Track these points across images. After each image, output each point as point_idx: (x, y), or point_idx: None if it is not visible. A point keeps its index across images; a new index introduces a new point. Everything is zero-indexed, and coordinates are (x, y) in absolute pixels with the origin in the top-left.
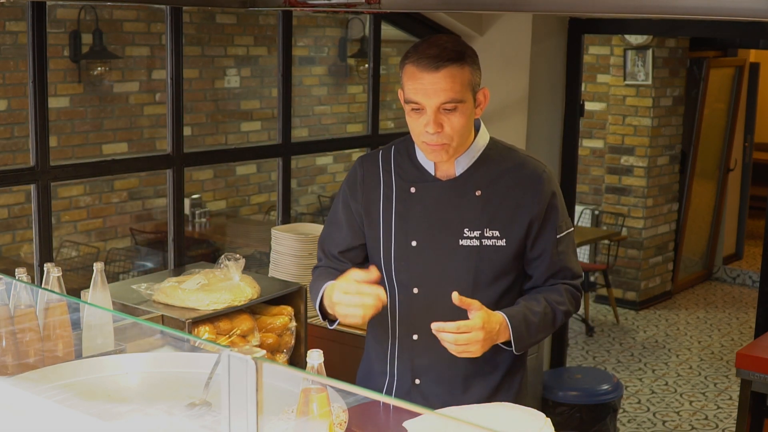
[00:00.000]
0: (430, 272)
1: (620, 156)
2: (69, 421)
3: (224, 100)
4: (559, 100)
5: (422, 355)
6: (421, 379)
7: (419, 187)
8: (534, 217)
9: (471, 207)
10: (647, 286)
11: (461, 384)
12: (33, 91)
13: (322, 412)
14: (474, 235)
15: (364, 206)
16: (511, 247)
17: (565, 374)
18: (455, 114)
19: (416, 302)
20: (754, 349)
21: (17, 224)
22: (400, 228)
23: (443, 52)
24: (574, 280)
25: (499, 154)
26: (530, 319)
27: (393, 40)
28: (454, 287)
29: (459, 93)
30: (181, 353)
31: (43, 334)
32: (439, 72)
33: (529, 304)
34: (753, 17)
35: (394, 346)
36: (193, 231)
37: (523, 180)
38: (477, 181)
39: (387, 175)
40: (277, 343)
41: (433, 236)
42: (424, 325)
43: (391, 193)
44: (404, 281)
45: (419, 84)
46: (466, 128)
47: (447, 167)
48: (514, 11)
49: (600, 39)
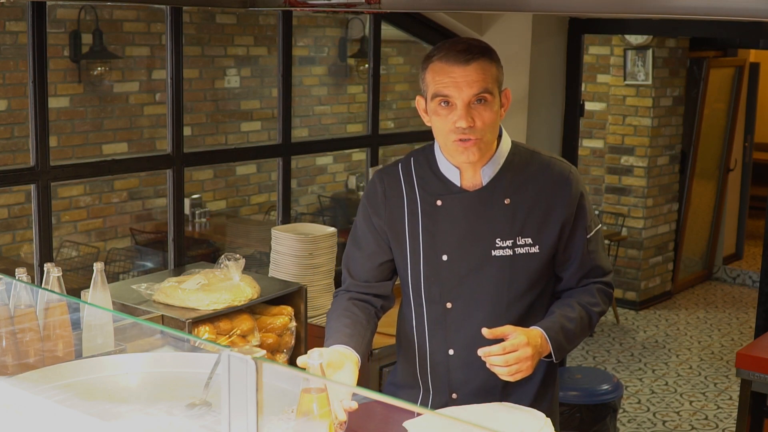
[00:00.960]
0: (463, 286)
1: (620, 156)
2: (69, 421)
3: (224, 100)
4: (559, 100)
5: (459, 369)
6: (459, 393)
7: (446, 200)
8: (565, 221)
9: (501, 216)
10: (647, 286)
11: (499, 396)
12: (33, 91)
13: (322, 412)
14: (507, 245)
15: (388, 222)
16: (544, 253)
17: (565, 374)
18: (485, 108)
19: (450, 317)
20: (754, 349)
21: (17, 224)
22: (429, 243)
23: (471, 47)
24: (605, 277)
25: (523, 159)
26: (567, 327)
27: (393, 40)
28: (489, 299)
29: (489, 85)
30: (181, 353)
31: (43, 334)
32: (470, 65)
33: (564, 312)
34: (753, 17)
35: (425, 361)
36: (193, 231)
37: (550, 183)
38: (505, 189)
39: (410, 188)
40: (277, 343)
41: (465, 249)
42: (460, 340)
43: (416, 208)
44: (435, 297)
45: (450, 78)
46: (496, 125)
47: (473, 177)
48: (514, 11)
49: (600, 39)
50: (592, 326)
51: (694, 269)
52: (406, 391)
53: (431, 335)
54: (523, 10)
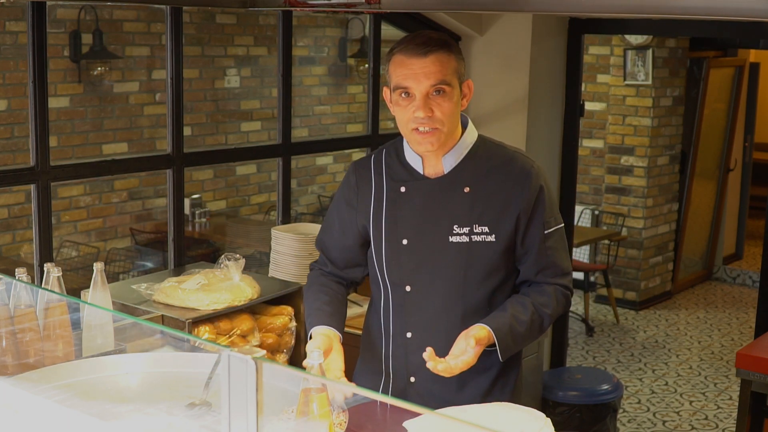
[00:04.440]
0: (421, 270)
1: (620, 156)
2: (69, 421)
3: (224, 100)
4: (559, 100)
5: (416, 353)
6: (416, 377)
7: (408, 186)
8: (522, 212)
9: (460, 204)
10: (647, 286)
11: (456, 382)
12: (33, 91)
13: (322, 412)
14: (463, 232)
15: (359, 210)
16: (500, 242)
17: (565, 374)
18: (444, 98)
19: (409, 300)
20: (754, 349)
21: (17, 224)
22: (391, 228)
23: (430, 40)
24: (564, 277)
25: (487, 151)
26: (516, 330)
27: (393, 40)
28: (446, 284)
29: (447, 76)
30: (181, 353)
31: (43, 334)
32: (428, 57)
33: (517, 312)
34: (753, 17)
35: (389, 344)
36: (193, 231)
37: (511, 176)
38: (465, 178)
39: (378, 177)
40: (277, 343)
41: (423, 234)
42: (417, 323)
43: (381, 195)
44: (396, 280)
45: (408, 69)
46: (455, 115)
47: (435, 165)
48: (514, 11)
49: (600, 39)
50: (544, 328)
51: (694, 269)
52: (368, 377)
53: (393, 319)
54: (523, 10)
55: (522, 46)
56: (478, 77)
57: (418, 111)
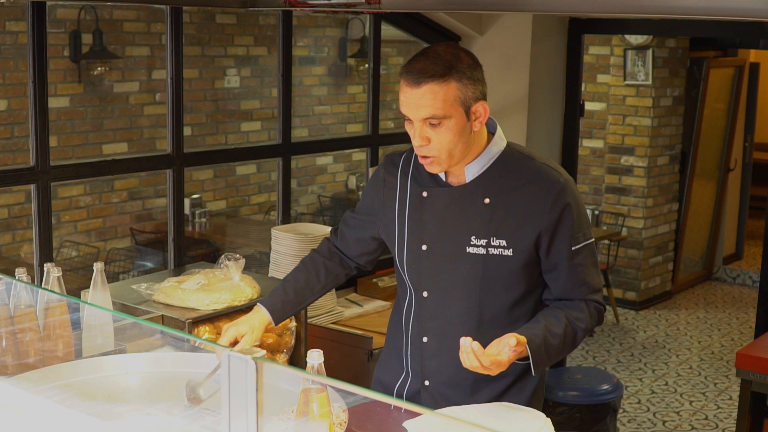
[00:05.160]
0: (438, 277)
1: (620, 156)
2: (69, 421)
3: (224, 100)
4: (559, 100)
5: (431, 358)
6: (431, 381)
7: (431, 192)
8: (543, 229)
9: (478, 215)
10: (647, 286)
11: (470, 387)
12: (33, 91)
13: (322, 412)
14: (480, 244)
15: (383, 204)
16: (518, 257)
17: (565, 374)
18: (441, 129)
19: (426, 306)
20: (754, 349)
21: (17, 224)
22: (412, 231)
23: (428, 67)
24: (596, 294)
25: (514, 162)
26: (550, 342)
27: (393, 40)
28: (461, 294)
29: (440, 110)
30: (181, 353)
31: (43, 334)
32: (420, 88)
33: (550, 325)
34: (753, 17)
35: (408, 345)
36: (193, 231)
37: (535, 190)
38: (486, 189)
39: (404, 177)
40: (277, 343)
41: (442, 242)
42: (433, 329)
43: (405, 196)
44: (415, 284)
45: (404, 97)
46: (455, 143)
47: (458, 173)
48: (514, 11)
49: (600, 39)
50: (577, 342)
51: (694, 269)
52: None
53: (412, 321)
54: (523, 10)
55: (522, 46)
56: None
57: (415, 138)
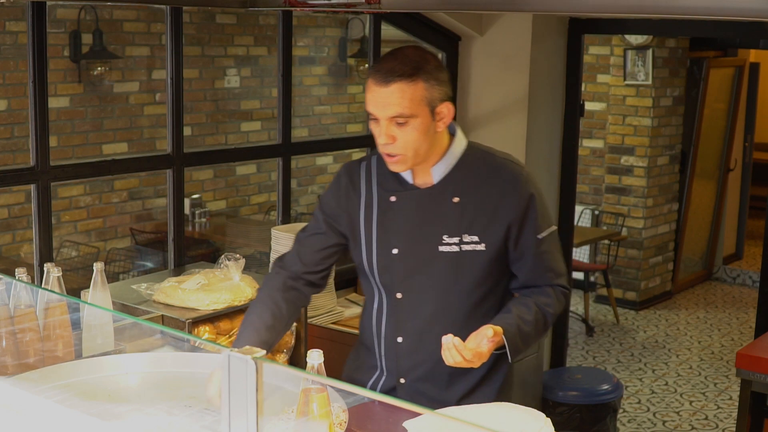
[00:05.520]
0: (412, 278)
1: (620, 156)
2: (69, 421)
3: (224, 100)
4: (559, 100)
5: (406, 357)
6: (406, 379)
7: (399, 196)
8: (512, 221)
9: (449, 214)
10: (647, 286)
11: (446, 381)
12: (33, 91)
13: (322, 412)
14: (453, 242)
15: (346, 213)
16: (490, 251)
17: (565, 374)
18: (407, 128)
19: (400, 307)
20: (754, 349)
21: (17, 224)
22: (382, 236)
23: (397, 66)
24: (561, 278)
25: (476, 159)
26: (524, 330)
27: (393, 40)
28: (436, 292)
29: (408, 108)
30: (181, 353)
31: (43, 334)
32: (389, 87)
33: (522, 313)
34: (753, 17)
35: (381, 346)
36: (193, 231)
37: (500, 184)
38: (454, 188)
39: (368, 184)
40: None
41: (414, 244)
42: (408, 329)
43: (371, 202)
44: (387, 287)
45: (372, 96)
46: (420, 142)
47: (424, 175)
48: (514, 11)
49: (600, 39)
50: (547, 327)
51: (694, 269)
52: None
53: (385, 322)
54: (523, 10)
55: (522, 46)
56: (478, 77)
57: (381, 137)
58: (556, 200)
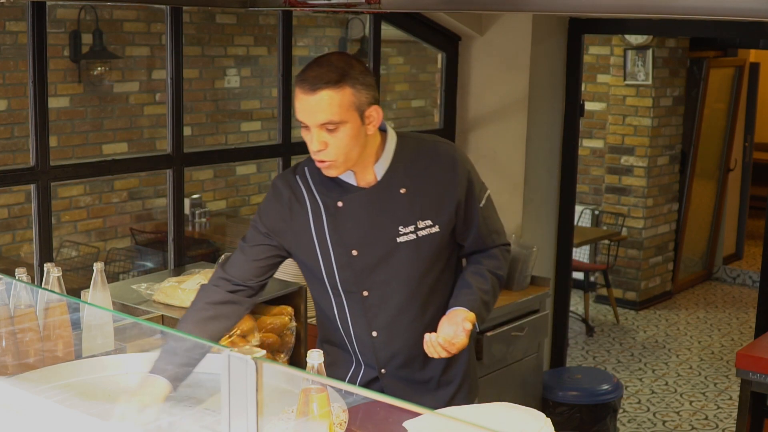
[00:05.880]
0: (375, 274)
1: (620, 156)
2: (69, 421)
3: (224, 100)
4: (559, 100)
5: (384, 349)
6: (387, 368)
7: (345, 200)
8: (459, 200)
9: (399, 205)
10: (647, 286)
11: (421, 362)
12: (33, 91)
13: (322, 412)
14: (409, 230)
15: (291, 226)
16: (444, 231)
17: (565, 374)
18: (337, 134)
19: (368, 303)
20: (754, 349)
21: (17, 224)
22: (337, 242)
23: (323, 74)
24: (501, 237)
25: (411, 149)
26: (485, 300)
27: (393, 40)
28: (401, 281)
29: (336, 115)
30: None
31: (43, 334)
32: (317, 95)
33: (479, 284)
34: (753, 17)
35: (353, 343)
36: (193, 231)
37: (440, 166)
38: (399, 180)
39: (309, 193)
40: (277, 343)
41: (372, 242)
42: (381, 323)
43: (319, 211)
44: (352, 288)
45: (300, 105)
46: (351, 146)
47: (367, 175)
48: (514, 11)
49: (600, 39)
50: (501, 287)
51: (694, 269)
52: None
53: (354, 321)
54: (523, 10)
55: (522, 46)
56: (478, 77)
57: (313, 143)
58: (556, 200)
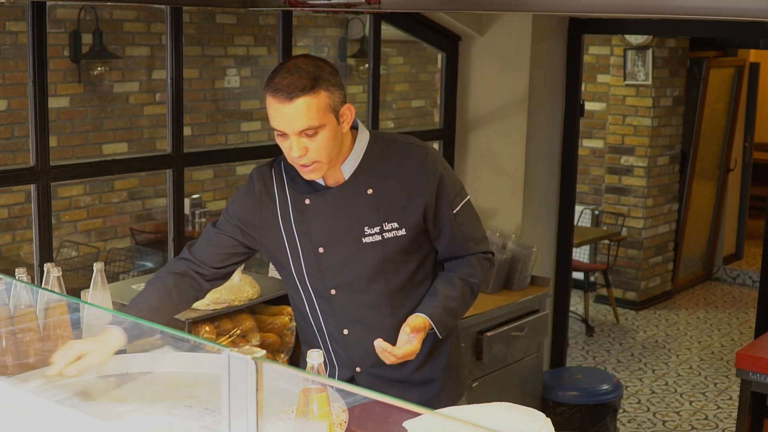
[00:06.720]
0: (342, 273)
1: (620, 156)
2: (69, 421)
3: (224, 100)
4: (559, 100)
5: (356, 346)
6: (361, 367)
7: (313, 198)
8: (428, 202)
9: (366, 206)
10: (647, 286)
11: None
12: (33, 91)
13: (322, 412)
14: (375, 232)
15: (261, 220)
16: (410, 233)
17: (565, 374)
18: (317, 137)
19: (337, 302)
20: (754, 349)
21: (17, 224)
22: (304, 239)
23: (297, 81)
24: (481, 244)
25: (382, 149)
26: (450, 307)
27: (393, 40)
28: (367, 281)
29: (315, 120)
30: (181, 353)
31: (43, 334)
32: (294, 103)
33: (447, 291)
34: (753, 17)
35: (326, 342)
36: (193, 231)
37: (409, 169)
38: (366, 180)
39: (281, 188)
40: (277, 343)
41: (337, 241)
42: (350, 320)
43: (287, 207)
44: (319, 286)
45: (276, 113)
46: (332, 147)
47: (335, 174)
48: (514, 11)
49: (600, 39)
50: (475, 295)
51: (694, 269)
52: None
53: (325, 319)
54: (523, 10)
55: (522, 46)
56: (478, 77)
57: (293, 150)
58: (556, 200)
